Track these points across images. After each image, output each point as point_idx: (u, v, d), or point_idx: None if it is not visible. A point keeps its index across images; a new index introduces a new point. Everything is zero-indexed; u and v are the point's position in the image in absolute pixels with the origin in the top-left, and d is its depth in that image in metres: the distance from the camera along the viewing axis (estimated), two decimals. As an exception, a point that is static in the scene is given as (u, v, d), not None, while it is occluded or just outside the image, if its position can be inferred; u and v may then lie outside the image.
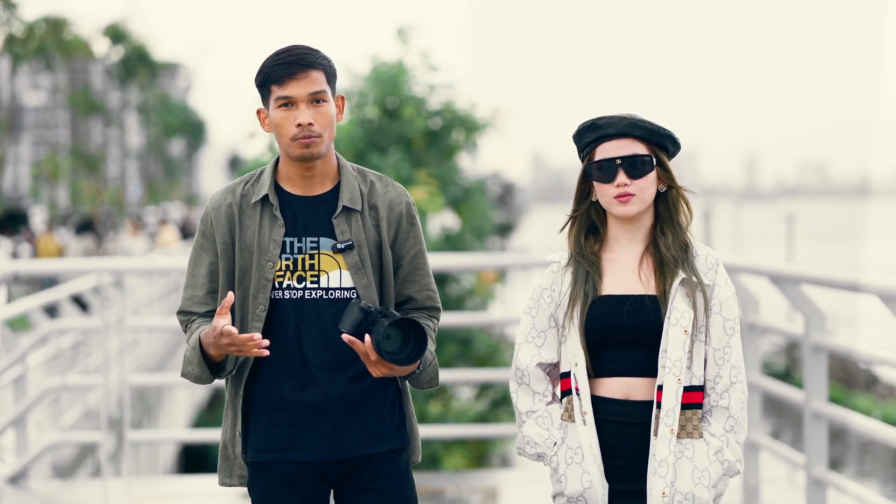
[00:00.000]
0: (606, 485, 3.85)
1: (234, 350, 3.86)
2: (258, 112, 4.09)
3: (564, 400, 3.95)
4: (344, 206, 4.02)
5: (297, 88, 3.95)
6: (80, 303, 11.26)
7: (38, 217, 53.49)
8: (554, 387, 4.02)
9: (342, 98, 4.09)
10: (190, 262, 4.13)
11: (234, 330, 3.82)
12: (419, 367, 3.99)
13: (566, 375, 3.92)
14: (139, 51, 60.81)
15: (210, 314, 4.10)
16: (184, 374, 4.08)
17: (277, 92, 3.96)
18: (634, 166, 3.86)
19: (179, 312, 4.15)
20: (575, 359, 3.87)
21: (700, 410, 3.86)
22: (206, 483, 9.32)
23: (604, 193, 3.90)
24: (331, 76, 4.03)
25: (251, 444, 4.08)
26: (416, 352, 3.85)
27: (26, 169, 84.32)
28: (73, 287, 11.75)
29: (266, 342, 3.84)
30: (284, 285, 4.00)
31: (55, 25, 50.31)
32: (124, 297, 9.28)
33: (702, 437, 3.85)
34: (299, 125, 3.94)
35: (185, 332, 4.13)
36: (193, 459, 21.39)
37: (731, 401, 3.87)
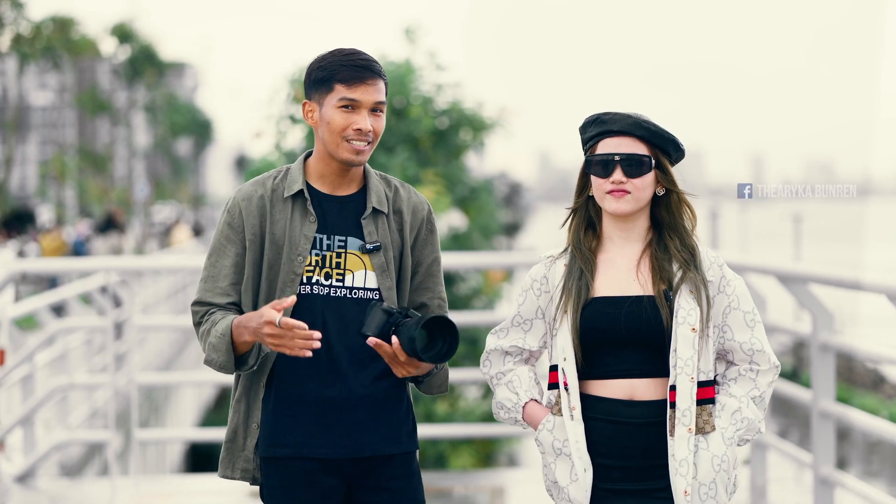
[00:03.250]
0: (591, 480, 3.86)
1: (274, 342, 3.82)
2: (304, 104, 4.09)
3: (552, 393, 3.97)
4: (373, 208, 4.06)
5: (366, 94, 3.98)
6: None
7: (44, 216, 53.54)
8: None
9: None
10: (212, 252, 4.11)
11: (295, 322, 3.78)
12: (437, 366, 4.02)
13: (554, 369, 3.94)
14: (146, 50, 60.72)
15: (231, 305, 4.08)
16: (207, 362, 4.05)
17: (344, 92, 3.98)
18: (632, 165, 3.87)
19: (196, 303, 4.11)
20: (564, 353, 3.88)
21: (710, 406, 3.87)
22: (214, 482, 9.33)
23: (598, 188, 3.91)
24: (388, 88, 4.07)
25: (268, 440, 4.07)
26: (447, 349, 3.86)
27: (33, 168, 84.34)
28: (81, 286, 11.76)
29: (318, 335, 3.81)
30: (313, 280, 4.02)
31: (62, 25, 50.25)
32: (132, 297, 9.28)
33: (714, 430, 3.87)
34: (358, 130, 3.97)
35: (200, 323, 4.09)
36: (200, 458, 21.42)
37: (760, 381, 3.90)
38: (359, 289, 4.03)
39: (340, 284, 4.02)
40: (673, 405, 3.81)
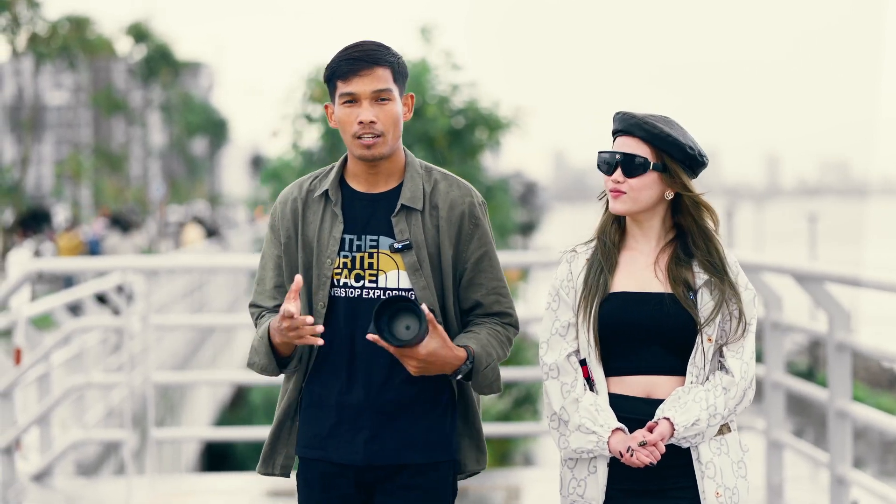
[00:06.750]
0: (605, 477, 3.85)
1: (294, 335, 3.78)
2: (326, 107, 4.03)
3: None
4: (403, 205, 3.94)
5: (361, 85, 3.88)
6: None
7: (60, 216, 53.63)
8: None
9: (411, 96, 4.02)
10: (262, 255, 4.10)
11: (294, 311, 3.73)
12: (467, 361, 3.85)
13: (584, 363, 3.90)
14: (162, 50, 60.78)
15: (278, 308, 4.03)
16: (249, 365, 4.02)
17: (342, 88, 3.91)
18: (628, 166, 3.87)
19: (251, 305, 4.12)
20: (589, 348, 3.87)
21: None
22: (229, 481, 9.34)
23: (604, 185, 3.93)
24: (398, 74, 3.95)
25: (299, 439, 4.05)
26: (419, 330, 3.71)
27: (49, 168, 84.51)
28: (97, 285, 11.78)
29: (320, 328, 3.74)
30: (342, 283, 3.94)
31: (78, 24, 50.29)
32: (148, 295, 9.29)
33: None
34: (361, 123, 3.88)
35: (256, 324, 4.08)
36: (216, 457, 21.45)
37: (732, 393, 3.83)
38: (392, 289, 3.91)
39: (374, 286, 3.92)
40: None
